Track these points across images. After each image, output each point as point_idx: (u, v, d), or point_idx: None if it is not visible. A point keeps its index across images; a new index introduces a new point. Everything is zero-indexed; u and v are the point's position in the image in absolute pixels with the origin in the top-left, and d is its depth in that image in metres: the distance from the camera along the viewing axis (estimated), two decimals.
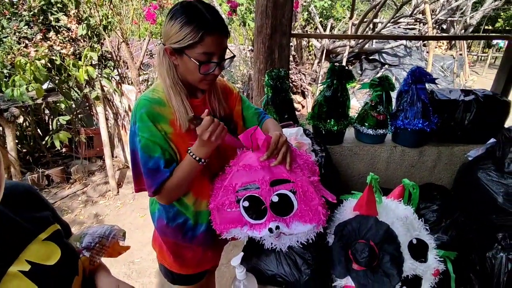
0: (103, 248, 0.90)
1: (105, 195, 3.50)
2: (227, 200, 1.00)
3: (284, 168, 0.97)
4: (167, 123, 1.02)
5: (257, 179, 0.96)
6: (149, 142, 0.99)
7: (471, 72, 9.34)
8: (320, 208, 0.98)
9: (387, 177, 2.33)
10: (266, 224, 0.99)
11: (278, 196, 0.96)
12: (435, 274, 1.24)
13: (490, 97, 2.19)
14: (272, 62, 2.27)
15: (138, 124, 0.99)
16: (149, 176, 1.01)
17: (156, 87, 1.08)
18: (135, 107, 1.03)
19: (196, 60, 0.96)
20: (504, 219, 1.79)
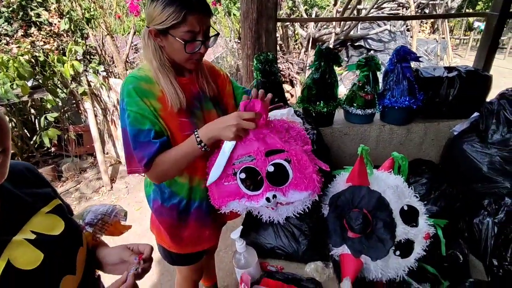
0: (105, 225, 0.92)
1: (99, 191, 3.48)
2: (224, 174, 1.02)
3: (278, 138, 0.99)
4: (155, 99, 1.02)
5: (252, 150, 0.98)
6: (138, 115, 0.99)
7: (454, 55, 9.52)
8: (314, 176, 1.01)
9: (377, 156, 2.39)
10: (263, 194, 1.02)
11: (273, 166, 0.98)
12: (426, 237, 1.30)
13: (472, 72, 2.26)
14: (259, 47, 2.28)
15: (126, 99, 0.99)
16: (140, 149, 0.99)
17: (142, 67, 1.08)
18: (122, 85, 1.03)
19: (181, 39, 0.97)
20: (489, 187, 1.87)
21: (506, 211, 1.67)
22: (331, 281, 1.20)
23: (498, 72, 7.33)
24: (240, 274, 1.11)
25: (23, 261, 0.59)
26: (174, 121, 1.05)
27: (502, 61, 9.14)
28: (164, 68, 1.04)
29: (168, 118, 1.04)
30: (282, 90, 2.19)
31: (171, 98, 1.03)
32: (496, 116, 1.99)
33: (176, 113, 1.05)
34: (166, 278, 2.25)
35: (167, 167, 1.02)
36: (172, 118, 1.05)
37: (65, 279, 0.65)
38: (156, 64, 1.03)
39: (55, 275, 0.64)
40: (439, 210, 1.89)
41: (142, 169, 1.02)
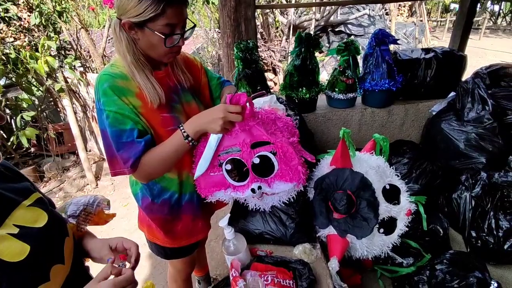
0: (88, 216, 0.91)
1: (84, 189, 3.42)
2: (210, 164, 1.03)
3: (264, 130, 0.99)
4: (133, 96, 0.97)
5: (238, 142, 0.99)
6: (118, 115, 0.93)
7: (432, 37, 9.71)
8: (299, 168, 1.01)
9: (360, 139, 2.44)
10: (248, 185, 1.03)
11: (259, 157, 0.99)
12: (408, 214, 1.35)
13: (448, 53, 2.31)
14: (239, 35, 2.26)
15: (103, 99, 0.93)
16: (124, 150, 0.95)
17: (114, 63, 1.01)
18: (96, 84, 0.97)
19: (160, 33, 0.92)
20: (466, 163, 1.95)
21: (482, 185, 1.75)
22: (319, 261, 1.24)
23: (474, 53, 7.54)
24: (230, 261, 1.13)
25: (9, 254, 0.59)
26: (155, 117, 1.01)
27: (477, 42, 9.38)
28: (139, 63, 0.98)
29: (149, 115, 1.00)
30: (264, 77, 2.19)
31: (149, 95, 0.98)
32: (471, 94, 2.06)
33: (156, 109, 1.01)
34: (158, 271, 2.26)
35: (155, 166, 0.99)
36: (153, 115, 1.01)
37: (54, 268, 0.66)
38: (130, 58, 0.96)
39: (44, 265, 0.65)
40: (420, 188, 1.97)
41: (128, 170, 0.98)
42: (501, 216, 1.65)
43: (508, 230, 1.61)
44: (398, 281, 1.55)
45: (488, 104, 1.97)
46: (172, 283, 1.54)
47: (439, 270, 1.38)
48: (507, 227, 1.61)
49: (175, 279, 1.51)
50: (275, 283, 1.04)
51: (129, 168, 0.96)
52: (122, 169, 0.99)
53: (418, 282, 1.41)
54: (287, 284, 1.05)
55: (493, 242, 1.63)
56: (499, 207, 1.68)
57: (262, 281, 1.06)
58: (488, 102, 1.97)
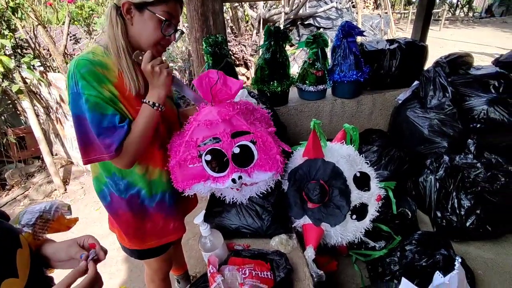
0: (47, 223, 0.86)
1: (51, 195, 3.25)
2: (189, 156, 1.01)
3: (244, 120, 0.99)
4: (112, 85, 0.96)
5: (218, 132, 0.98)
6: (98, 99, 0.92)
7: (397, 28, 10.07)
8: (278, 157, 1.03)
9: (331, 129, 2.50)
10: (229, 176, 1.02)
11: (239, 147, 0.99)
12: (378, 199, 1.41)
13: (411, 43, 2.42)
14: (208, 29, 2.22)
15: (82, 82, 0.91)
16: (107, 135, 0.93)
17: (93, 50, 0.99)
18: (72, 68, 0.93)
19: (160, 16, 0.95)
20: (430, 148, 2.06)
21: (444, 168, 1.86)
22: (296, 251, 1.26)
23: (435, 43, 7.92)
24: (207, 257, 1.12)
25: None
26: (131, 108, 1.01)
27: (438, 32, 9.85)
28: (128, 49, 0.99)
29: (126, 105, 1.00)
30: (235, 72, 2.18)
31: (130, 82, 0.98)
32: (433, 83, 2.17)
33: (133, 99, 1.01)
34: (135, 274, 2.20)
35: (136, 146, 0.99)
36: (129, 106, 1.00)
37: (6, 282, 0.61)
38: (124, 42, 0.97)
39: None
40: (389, 174, 2.05)
41: (109, 155, 0.95)
42: (462, 196, 1.76)
43: (469, 208, 1.72)
44: (372, 264, 1.61)
45: (448, 91, 2.08)
46: (149, 284, 1.51)
47: (409, 250, 1.46)
48: (468, 206, 1.73)
49: (152, 279, 1.48)
50: (253, 276, 1.05)
51: (113, 152, 0.95)
52: (101, 155, 0.96)
53: (390, 263, 1.48)
54: (265, 276, 1.07)
55: (456, 221, 1.74)
56: (460, 187, 1.79)
57: (240, 275, 1.06)
58: (448, 90, 2.08)
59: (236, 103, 1.04)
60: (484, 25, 10.64)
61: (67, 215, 0.94)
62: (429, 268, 1.39)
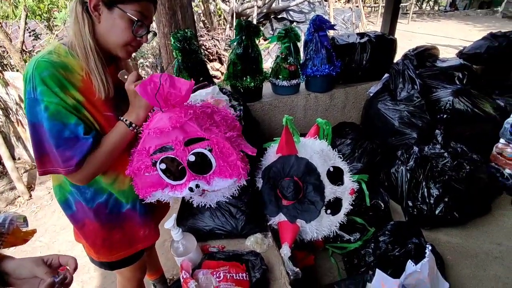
0: (1, 237, 0.79)
1: (15, 202, 3.04)
2: (142, 165, 0.94)
3: (197, 126, 0.94)
4: (76, 90, 0.87)
5: (170, 140, 0.91)
6: (60, 107, 0.83)
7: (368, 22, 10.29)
8: (238, 163, 0.97)
9: (306, 124, 2.51)
10: (186, 184, 0.98)
11: (194, 155, 0.93)
12: (351, 193, 1.42)
13: (380, 37, 2.45)
14: (176, 24, 2.14)
15: (41, 88, 0.82)
16: (67, 147, 0.85)
17: (55, 50, 0.89)
18: (31, 70, 0.83)
19: (132, 16, 0.86)
20: (401, 139, 2.11)
21: (414, 158, 1.91)
22: (271, 249, 1.25)
23: (404, 36, 8.17)
24: (180, 262, 1.09)
25: None
26: (99, 114, 0.93)
27: (407, 26, 10.16)
28: (96, 48, 0.90)
29: (93, 112, 0.91)
30: (206, 68, 2.12)
31: (99, 85, 0.90)
32: (402, 75, 2.22)
33: (101, 104, 0.93)
34: (109, 280, 2.12)
35: (100, 163, 0.92)
36: (97, 112, 0.92)
37: None
38: (92, 41, 0.88)
39: None
40: (363, 166, 2.09)
41: (65, 170, 0.87)
42: (431, 185, 1.82)
43: (438, 197, 1.79)
44: (348, 256, 1.64)
45: (416, 83, 2.14)
46: None
47: (382, 241, 1.48)
48: (437, 194, 1.79)
49: None
50: (227, 279, 1.02)
51: (72, 167, 0.86)
52: (56, 167, 0.88)
53: (364, 255, 1.50)
54: (240, 278, 1.04)
55: (426, 209, 1.80)
56: (429, 177, 1.85)
57: (215, 278, 1.04)
58: (416, 82, 2.14)
59: (190, 108, 0.96)
60: (448, 18, 11.11)
61: (23, 227, 0.87)
62: (402, 257, 1.42)
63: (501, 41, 2.49)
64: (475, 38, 2.82)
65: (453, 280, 1.61)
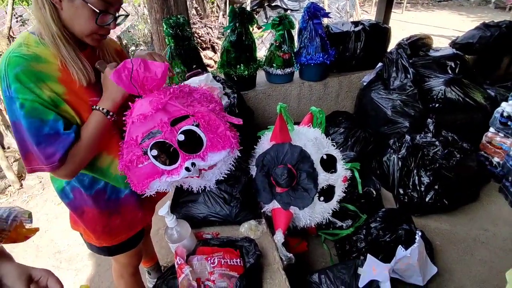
0: (2, 233, 0.78)
1: (5, 192, 3.00)
2: (133, 156, 0.92)
3: (180, 104, 0.92)
4: (54, 81, 0.84)
5: (155, 124, 0.89)
6: (36, 104, 0.81)
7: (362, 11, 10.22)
8: (228, 133, 0.96)
9: (300, 112, 2.51)
10: (181, 165, 0.96)
11: (183, 133, 0.92)
12: (344, 180, 1.44)
13: (374, 26, 2.44)
14: (168, 9, 2.10)
15: (15, 85, 0.79)
16: (48, 143, 0.83)
17: (25, 41, 0.86)
18: (3, 67, 0.81)
19: (94, 7, 0.81)
20: (393, 128, 2.13)
21: (406, 146, 1.94)
22: (265, 235, 1.27)
23: (398, 25, 8.15)
24: (174, 249, 1.09)
25: None
26: (83, 103, 0.90)
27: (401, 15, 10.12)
28: (65, 35, 0.85)
29: (75, 101, 0.88)
30: (199, 55, 2.09)
31: (77, 72, 0.86)
32: (395, 64, 2.23)
33: (85, 91, 0.90)
34: (103, 268, 2.12)
35: (83, 154, 0.90)
36: (80, 101, 0.89)
37: None
38: (55, 29, 0.83)
39: None
40: (356, 155, 2.11)
41: (49, 167, 0.85)
42: (422, 173, 1.85)
43: (428, 184, 1.82)
44: (340, 243, 1.67)
45: (410, 72, 2.15)
46: (118, 280, 1.45)
47: (373, 227, 1.51)
48: (428, 182, 1.82)
49: (121, 275, 1.42)
50: (222, 264, 1.04)
51: (56, 163, 0.84)
52: (41, 165, 0.86)
53: (356, 241, 1.53)
54: (234, 263, 1.06)
55: (417, 197, 1.83)
56: (420, 165, 1.88)
57: (209, 264, 1.05)
58: (409, 71, 2.15)
59: (168, 88, 0.94)
60: (442, 8, 11.09)
61: (27, 223, 0.85)
62: (392, 243, 1.46)
63: (493, 31, 2.50)
64: (468, 28, 2.84)
65: (442, 264, 1.65)
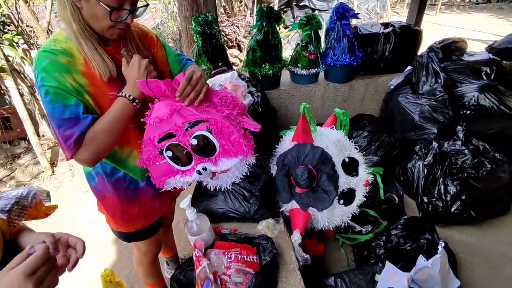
0: (24, 210, 0.83)
1: (39, 177, 3.19)
2: (151, 155, 0.97)
3: (194, 109, 0.94)
4: (78, 74, 0.90)
5: (170, 127, 0.93)
6: (59, 90, 0.86)
7: (393, 12, 9.92)
8: (241, 140, 0.97)
9: (323, 114, 2.48)
10: (194, 168, 1.00)
11: (196, 138, 0.94)
12: (366, 185, 1.41)
13: (405, 28, 2.37)
14: (198, 8, 2.14)
15: (42, 75, 0.85)
16: (68, 126, 0.86)
17: (56, 37, 0.91)
18: (35, 62, 0.87)
19: (106, 5, 0.84)
20: (420, 134, 2.06)
21: (433, 154, 1.87)
22: (282, 234, 1.27)
23: (430, 28, 7.84)
24: (193, 241, 1.12)
25: None
26: (104, 96, 0.94)
27: (434, 17, 9.74)
28: (86, 33, 0.90)
29: (97, 94, 0.92)
30: (225, 53, 2.12)
31: (98, 67, 0.91)
32: (425, 68, 2.15)
33: (106, 85, 0.94)
34: (124, 256, 2.21)
35: (101, 140, 0.92)
36: (102, 94, 0.93)
37: None
38: (76, 27, 0.88)
39: None
40: (379, 159, 2.06)
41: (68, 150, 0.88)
42: (449, 182, 1.78)
43: (455, 194, 1.75)
44: (358, 248, 1.64)
45: (440, 77, 2.07)
46: (138, 266, 1.51)
47: (394, 235, 1.48)
48: (454, 192, 1.75)
49: (140, 262, 1.48)
50: (238, 260, 1.05)
51: (72, 144, 0.87)
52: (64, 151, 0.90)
53: (375, 247, 1.50)
54: (250, 260, 1.07)
55: (442, 206, 1.77)
56: (447, 173, 1.81)
57: (226, 259, 1.07)
58: (441, 75, 2.07)
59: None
60: (480, 11, 10.55)
61: (46, 201, 0.91)
62: (413, 252, 1.42)
63: None
64: (507, 33, 2.68)
65: (465, 278, 1.59)
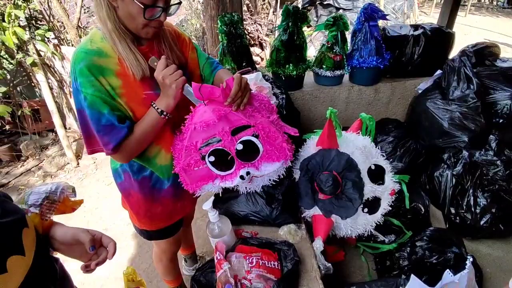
0: (53, 204, 0.86)
1: (64, 168, 3.31)
2: (192, 160, 0.97)
3: (241, 114, 0.94)
4: (113, 75, 0.93)
5: (217, 132, 0.93)
6: (95, 98, 0.90)
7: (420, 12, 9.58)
8: (284, 145, 0.98)
9: (347, 117, 2.43)
10: (236, 173, 0.99)
11: (242, 143, 0.94)
12: (392, 194, 1.37)
13: (436, 30, 2.28)
14: (224, 7, 2.14)
15: (80, 79, 0.89)
16: (105, 133, 0.93)
17: (92, 37, 0.94)
18: (72, 62, 0.91)
19: (140, 3, 0.86)
20: (449, 141, 1.98)
21: (463, 163, 1.79)
22: (304, 241, 1.25)
23: (460, 29, 7.53)
24: (215, 243, 1.12)
25: None
26: (137, 97, 0.97)
27: (463, 18, 9.34)
28: (120, 32, 0.92)
29: (130, 95, 0.96)
30: (250, 53, 2.11)
31: (131, 66, 0.93)
32: (457, 73, 2.06)
33: (140, 85, 0.97)
34: (144, 249, 2.25)
35: (135, 146, 0.99)
36: (135, 94, 0.96)
37: (12, 259, 0.61)
38: (111, 25, 0.91)
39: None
40: (404, 166, 2.00)
41: (106, 151, 0.97)
42: (479, 194, 1.70)
43: (484, 207, 1.67)
44: (380, 257, 1.60)
45: (473, 83, 1.97)
46: (157, 263, 1.53)
47: (419, 246, 1.43)
48: (484, 204, 1.67)
49: (160, 259, 1.50)
50: (260, 265, 1.04)
51: (110, 151, 0.96)
52: (100, 147, 0.98)
53: (399, 258, 1.45)
54: (272, 266, 1.06)
55: (470, 219, 1.69)
56: (478, 185, 1.73)
57: (247, 263, 1.06)
58: (473, 81, 1.97)
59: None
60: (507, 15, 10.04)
61: (72, 197, 0.94)
62: (439, 266, 1.36)
63: None
64: None
65: None
